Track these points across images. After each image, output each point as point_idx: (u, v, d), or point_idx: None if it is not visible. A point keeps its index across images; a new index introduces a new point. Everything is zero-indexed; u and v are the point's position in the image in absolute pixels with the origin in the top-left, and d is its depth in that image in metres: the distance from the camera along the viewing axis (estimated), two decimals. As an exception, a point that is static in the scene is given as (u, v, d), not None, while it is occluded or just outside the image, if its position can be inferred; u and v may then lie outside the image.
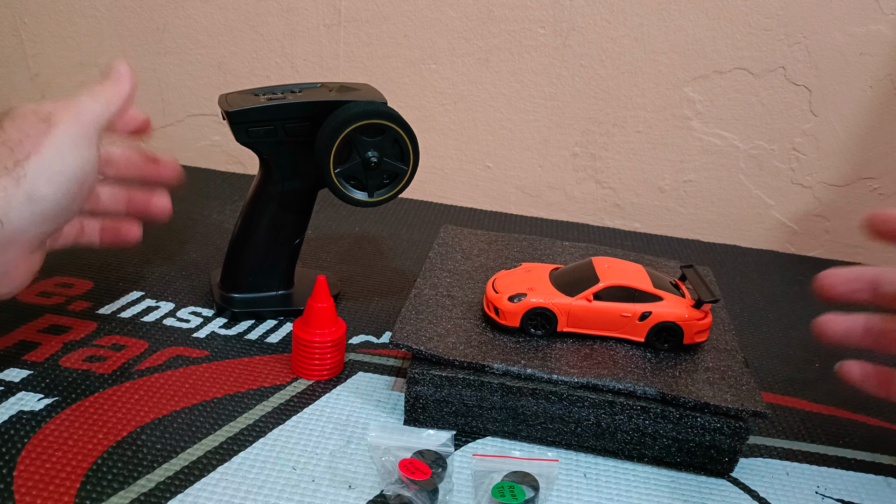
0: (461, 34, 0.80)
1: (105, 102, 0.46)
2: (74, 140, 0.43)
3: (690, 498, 0.43)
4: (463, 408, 0.46)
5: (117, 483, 0.39)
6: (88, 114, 0.44)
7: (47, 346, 0.50)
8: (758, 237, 0.85)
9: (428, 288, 0.53)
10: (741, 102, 0.79)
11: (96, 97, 0.46)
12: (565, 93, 0.81)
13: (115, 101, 0.47)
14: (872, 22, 0.73)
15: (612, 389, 0.44)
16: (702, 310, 0.48)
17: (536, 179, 0.86)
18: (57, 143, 0.42)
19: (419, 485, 0.40)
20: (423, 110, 0.84)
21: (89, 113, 0.45)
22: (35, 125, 0.42)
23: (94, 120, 0.45)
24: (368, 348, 0.55)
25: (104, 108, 0.46)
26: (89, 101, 0.45)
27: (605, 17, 0.77)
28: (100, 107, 0.45)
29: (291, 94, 0.52)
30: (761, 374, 0.58)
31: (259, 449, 0.43)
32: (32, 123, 0.42)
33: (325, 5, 0.81)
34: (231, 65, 0.85)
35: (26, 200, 0.40)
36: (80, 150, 0.43)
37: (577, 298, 0.48)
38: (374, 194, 0.53)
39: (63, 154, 0.42)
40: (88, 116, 0.44)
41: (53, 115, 0.43)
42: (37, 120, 0.42)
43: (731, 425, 0.44)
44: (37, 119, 0.42)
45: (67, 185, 0.42)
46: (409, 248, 0.74)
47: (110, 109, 0.46)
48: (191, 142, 0.90)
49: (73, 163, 0.43)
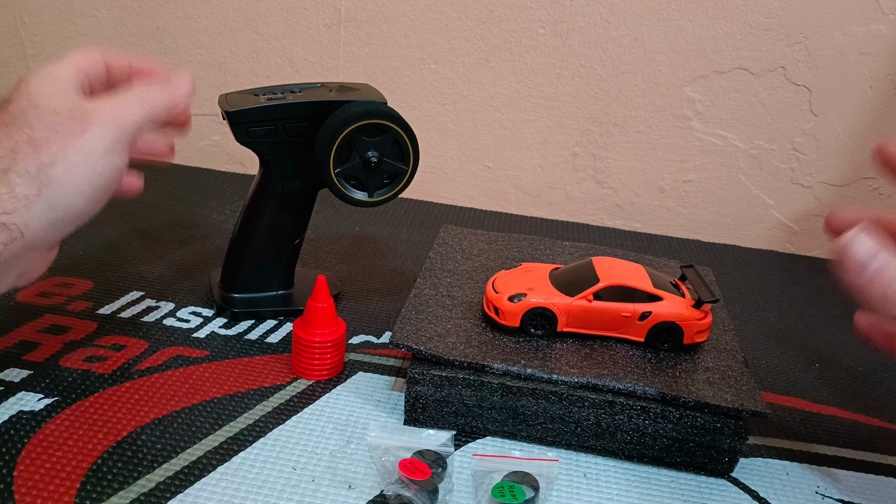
0: (461, 34, 0.80)
1: (151, 108, 0.41)
2: (108, 147, 0.39)
3: (690, 498, 0.43)
4: (463, 408, 0.46)
5: (117, 483, 0.39)
6: (130, 118, 0.40)
7: (47, 346, 0.50)
8: (758, 237, 0.85)
9: (428, 288, 0.53)
10: (741, 102, 0.79)
11: (144, 101, 0.41)
12: (565, 93, 0.81)
13: (163, 109, 0.42)
14: (872, 22, 0.73)
15: (612, 389, 0.44)
16: (702, 310, 0.48)
17: (536, 179, 0.86)
18: (88, 148, 0.38)
19: (419, 485, 0.40)
20: (423, 110, 0.84)
21: (131, 117, 0.40)
22: (66, 123, 0.37)
23: (134, 125, 0.40)
24: (368, 348, 0.55)
25: (148, 114, 0.41)
26: (136, 104, 0.41)
27: (605, 17, 0.77)
28: (144, 113, 0.41)
29: (291, 94, 0.52)
30: (761, 374, 0.58)
31: (259, 449, 0.43)
32: (63, 120, 0.38)
33: (325, 5, 0.81)
34: (231, 65, 0.85)
35: (47, 210, 0.37)
36: (111, 156, 0.39)
37: (577, 298, 0.48)
38: (374, 194, 0.53)
39: (93, 162, 0.38)
40: (129, 120, 0.40)
41: (90, 116, 0.38)
42: (69, 117, 0.38)
43: (731, 425, 0.44)
44: (69, 116, 0.38)
45: (92, 193, 0.39)
46: (409, 248, 0.74)
47: (155, 116, 0.42)
48: (191, 142, 0.90)
49: (103, 172, 0.39)
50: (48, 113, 0.38)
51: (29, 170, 0.36)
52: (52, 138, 0.37)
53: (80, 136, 0.38)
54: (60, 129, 0.37)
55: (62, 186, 0.37)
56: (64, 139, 0.37)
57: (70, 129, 0.38)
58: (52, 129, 0.37)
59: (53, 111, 0.38)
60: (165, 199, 0.79)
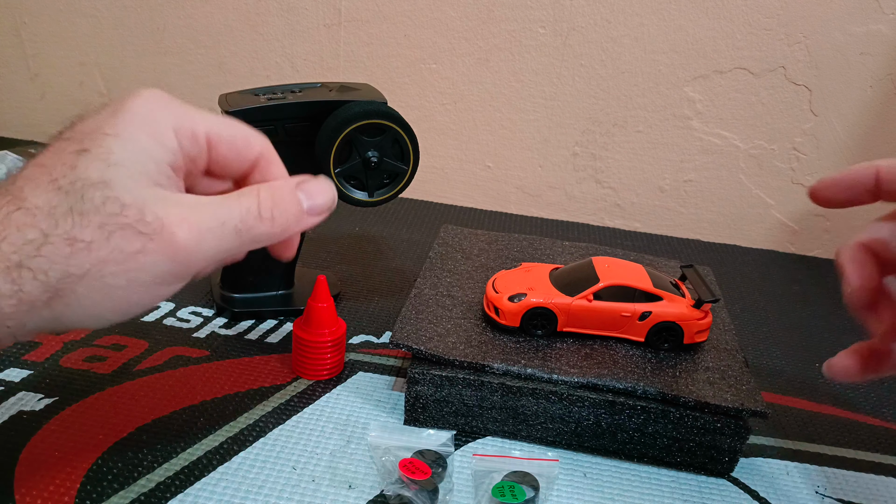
0: (461, 34, 0.80)
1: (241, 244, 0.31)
2: (160, 278, 0.29)
3: (690, 498, 0.43)
4: (463, 408, 0.46)
5: (117, 483, 0.39)
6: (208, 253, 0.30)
7: (47, 346, 0.50)
8: (758, 237, 0.85)
9: (428, 288, 0.53)
10: (741, 102, 0.79)
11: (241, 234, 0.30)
12: (565, 92, 0.81)
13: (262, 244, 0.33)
14: (872, 22, 0.73)
15: (612, 389, 0.44)
16: (702, 309, 0.48)
17: (536, 179, 0.86)
18: (135, 276, 0.28)
19: (419, 485, 0.40)
20: (423, 110, 0.84)
21: (210, 252, 0.30)
22: (125, 233, 0.27)
23: (208, 263, 0.31)
24: (368, 348, 0.55)
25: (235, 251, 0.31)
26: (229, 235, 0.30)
27: (605, 17, 0.77)
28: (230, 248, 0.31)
29: (291, 94, 0.52)
30: (761, 374, 0.58)
31: (259, 449, 0.43)
32: (124, 227, 0.27)
33: (325, 5, 0.81)
34: (231, 65, 0.85)
35: (51, 319, 0.28)
36: (158, 289, 0.30)
37: (577, 298, 0.48)
38: (374, 194, 0.53)
39: (132, 292, 0.29)
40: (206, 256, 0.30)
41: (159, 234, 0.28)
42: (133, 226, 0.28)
43: (731, 425, 0.44)
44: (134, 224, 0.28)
45: (113, 318, 0.30)
46: (409, 248, 0.74)
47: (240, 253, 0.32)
48: (191, 142, 0.90)
49: (139, 302, 0.30)
50: (113, 205, 0.28)
51: (50, 274, 0.27)
52: (98, 246, 0.27)
53: (131, 259, 0.28)
54: (114, 239, 0.27)
55: (80, 306, 0.28)
56: (110, 252, 0.28)
57: (126, 242, 0.28)
58: (105, 233, 0.27)
59: (121, 206, 0.28)
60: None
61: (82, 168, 0.28)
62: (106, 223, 0.27)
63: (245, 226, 0.31)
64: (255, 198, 0.32)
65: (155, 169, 0.30)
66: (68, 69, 0.88)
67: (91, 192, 0.27)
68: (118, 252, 0.28)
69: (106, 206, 0.27)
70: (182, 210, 0.29)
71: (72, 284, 0.27)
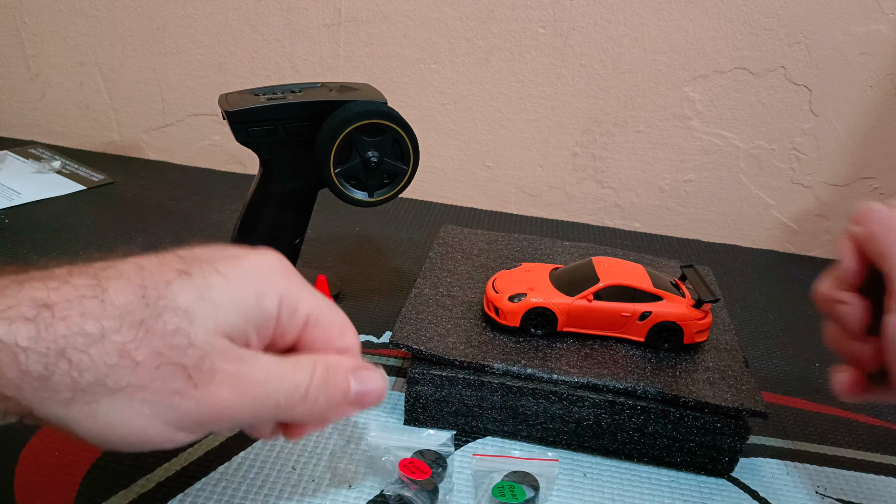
0: (461, 34, 0.80)
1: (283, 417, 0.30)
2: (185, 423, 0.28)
3: (690, 498, 0.43)
4: (463, 407, 0.46)
5: (117, 483, 0.39)
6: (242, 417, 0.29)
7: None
8: (758, 237, 0.85)
9: (428, 288, 0.53)
10: (741, 102, 0.79)
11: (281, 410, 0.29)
12: (565, 93, 0.81)
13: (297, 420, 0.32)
14: (872, 22, 0.73)
15: (612, 389, 0.44)
16: (702, 309, 0.48)
17: (536, 179, 0.86)
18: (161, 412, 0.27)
19: (419, 484, 0.40)
20: (423, 110, 0.84)
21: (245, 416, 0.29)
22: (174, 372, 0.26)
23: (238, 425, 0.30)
24: (368, 348, 0.55)
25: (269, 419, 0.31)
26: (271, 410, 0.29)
27: (605, 17, 0.77)
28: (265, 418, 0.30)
29: (291, 94, 0.52)
30: (761, 374, 0.58)
31: (259, 449, 0.43)
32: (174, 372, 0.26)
33: (325, 5, 0.81)
34: (231, 65, 0.85)
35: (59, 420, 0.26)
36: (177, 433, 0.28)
37: (577, 298, 0.48)
38: (374, 194, 0.53)
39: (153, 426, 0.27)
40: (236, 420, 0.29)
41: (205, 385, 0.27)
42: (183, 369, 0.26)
43: (731, 425, 0.44)
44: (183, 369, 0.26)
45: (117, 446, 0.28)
46: (409, 248, 0.74)
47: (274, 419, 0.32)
48: (191, 142, 0.90)
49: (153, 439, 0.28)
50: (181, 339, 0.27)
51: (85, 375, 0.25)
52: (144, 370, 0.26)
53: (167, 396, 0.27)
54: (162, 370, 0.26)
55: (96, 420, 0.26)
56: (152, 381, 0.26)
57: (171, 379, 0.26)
58: (158, 361, 0.26)
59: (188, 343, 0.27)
60: (166, 198, 0.79)
61: (176, 289, 0.27)
62: (164, 352, 0.26)
63: (288, 403, 0.29)
64: (310, 374, 0.30)
65: (240, 324, 0.28)
66: (68, 69, 0.88)
67: (169, 316, 0.26)
68: (160, 383, 0.26)
69: (175, 336, 0.26)
70: (237, 370, 0.28)
71: (99, 394, 0.26)
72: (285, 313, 0.30)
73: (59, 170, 0.82)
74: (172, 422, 0.27)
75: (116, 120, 0.90)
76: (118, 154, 0.91)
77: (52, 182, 0.79)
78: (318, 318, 0.31)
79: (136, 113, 0.90)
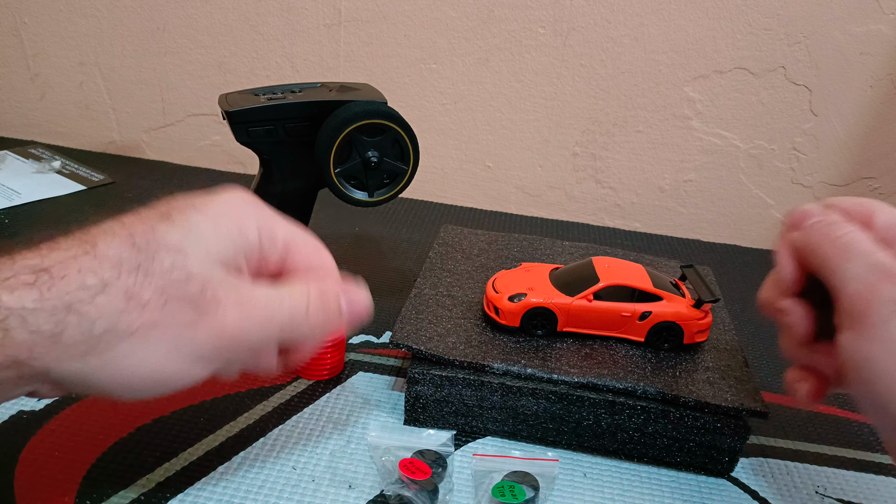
0: (461, 34, 0.80)
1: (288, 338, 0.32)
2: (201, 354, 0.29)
3: (690, 498, 0.43)
4: (463, 408, 0.46)
5: (117, 483, 0.39)
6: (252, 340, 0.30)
7: (47, 346, 0.50)
8: (758, 237, 0.85)
9: (428, 288, 0.53)
10: (741, 102, 0.79)
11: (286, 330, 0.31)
12: (565, 93, 0.81)
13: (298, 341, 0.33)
14: (872, 22, 0.73)
15: (612, 389, 0.44)
16: (702, 309, 0.48)
17: (536, 179, 0.86)
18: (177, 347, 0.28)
19: (419, 484, 0.40)
20: (423, 110, 0.84)
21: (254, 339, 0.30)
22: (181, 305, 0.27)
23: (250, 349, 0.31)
24: (368, 348, 0.55)
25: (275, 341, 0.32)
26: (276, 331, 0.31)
27: (605, 17, 0.77)
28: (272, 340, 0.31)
29: (291, 94, 0.52)
30: (761, 374, 0.58)
31: (259, 449, 0.43)
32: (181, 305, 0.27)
33: (325, 5, 0.81)
34: (231, 65, 0.85)
35: (80, 376, 0.27)
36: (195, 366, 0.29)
37: (577, 298, 0.48)
38: (374, 194, 0.53)
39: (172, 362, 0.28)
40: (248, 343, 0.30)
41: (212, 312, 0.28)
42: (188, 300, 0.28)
43: (731, 425, 0.44)
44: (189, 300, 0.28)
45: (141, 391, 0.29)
46: (409, 248, 0.74)
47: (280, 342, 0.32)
48: (191, 142, 0.90)
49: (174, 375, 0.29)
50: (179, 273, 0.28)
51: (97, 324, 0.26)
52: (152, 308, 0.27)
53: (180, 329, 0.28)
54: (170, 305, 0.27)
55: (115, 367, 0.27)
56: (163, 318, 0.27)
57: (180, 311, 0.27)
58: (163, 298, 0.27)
59: (187, 276, 0.28)
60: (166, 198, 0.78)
61: (162, 232, 0.28)
62: (167, 288, 0.27)
63: (292, 323, 0.31)
64: (306, 298, 0.32)
65: (229, 253, 0.30)
66: (68, 69, 0.88)
67: (163, 255, 0.28)
68: (170, 319, 0.27)
69: (173, 272, 0.28)
70: (238, 295, 0.29)
71: (114, 341, 0.27)
72: (265, 240, 0.32)
73: (59, 170, 0.82)
74: (189, 354, 0.28)
75: (116, 120, 0.90)
76: (118, 154, 0.91)
77: (52, 182, 0.79)
78: (295, 242, 0.34)
79: (136, 113, 0.90)
